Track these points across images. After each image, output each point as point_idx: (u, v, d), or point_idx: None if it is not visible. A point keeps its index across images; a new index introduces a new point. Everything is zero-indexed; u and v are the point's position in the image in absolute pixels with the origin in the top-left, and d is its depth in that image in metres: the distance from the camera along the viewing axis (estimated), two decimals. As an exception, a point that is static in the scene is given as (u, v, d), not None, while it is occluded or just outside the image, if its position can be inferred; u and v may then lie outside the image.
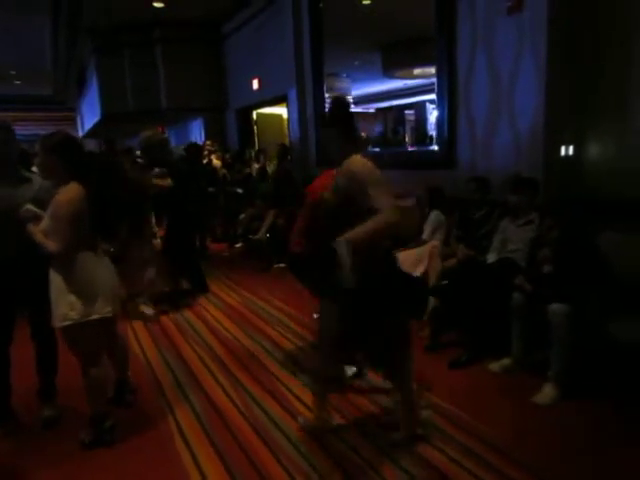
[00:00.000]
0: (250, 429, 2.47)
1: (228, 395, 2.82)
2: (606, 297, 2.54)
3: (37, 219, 2.20)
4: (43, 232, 2.17)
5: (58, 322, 2.20)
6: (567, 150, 3.54)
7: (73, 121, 17.61)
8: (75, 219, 2.15)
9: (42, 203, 2.28)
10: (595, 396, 2.58)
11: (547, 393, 2.58)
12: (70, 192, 2.17)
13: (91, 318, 2.22)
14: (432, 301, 3.44)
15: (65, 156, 2.20)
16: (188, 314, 4.30)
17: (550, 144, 3.47)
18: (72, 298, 2.18)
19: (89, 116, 12.85)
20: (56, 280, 2.21)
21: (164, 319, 4.19)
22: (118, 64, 9.43)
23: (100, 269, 2.31)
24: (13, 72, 13.13)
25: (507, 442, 2.26)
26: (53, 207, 2.17)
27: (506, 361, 2.93)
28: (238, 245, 6.85)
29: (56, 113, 17.63)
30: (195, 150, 6.73)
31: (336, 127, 2.12)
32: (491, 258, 3.30)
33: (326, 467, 2.15)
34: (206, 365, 3.24)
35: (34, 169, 2.57)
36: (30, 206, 2.22)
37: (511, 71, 3.62)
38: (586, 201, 3.10)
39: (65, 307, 2.18)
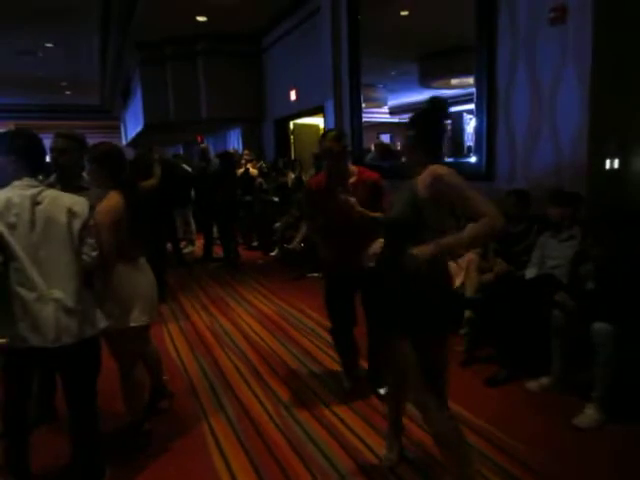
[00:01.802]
0: (283, 439, 2.49)
1: (262, 403, 2.86)
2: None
3: None
4: None
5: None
6: (612, 163, 3.42)
7: (117, 130, 18.34)
8: (114, 227, 2.18)
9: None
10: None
11: (589, 415, 2.48)
12: (110, 200, 2.23)
13: (129, 326, 2.29)
14: (468, 314, 3.40)
15: (107, 166, 2.31)
16: (223, 321, 4.38)
17: (594, 157, 3.37)
18: (109, 306, 2.21)
19: (132, 125, 13.36)
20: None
21: (200, 325, 4.29)
22: (161, 76, 9.79)
23: (139, 278, 2.36)
24: (64, 83, 13.82)
25: (544, 464, 2.19)
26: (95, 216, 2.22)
27: (545, 380, 2.85)
28: (273, 253, 6.94)
29: (102, 122, 18.40)
30: (228, 158, 6.87)
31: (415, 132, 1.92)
32: (530, 273, 3.21)
33: (358, 481, 2.15)
34: (240, 373, 3.29)
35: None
36: None
37: (553, 82, 3.53)
38: (632, 215, 2.98)
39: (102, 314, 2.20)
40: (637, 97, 3.32)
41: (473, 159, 4.56)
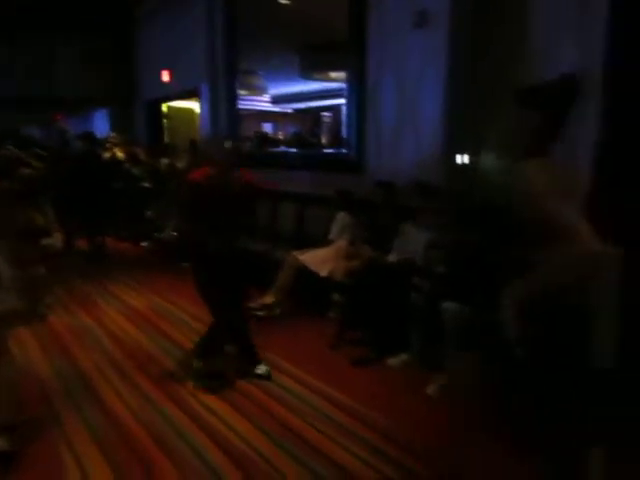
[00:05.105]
0: (148, 436, 2.37)
1: (125, 401, 2.68)
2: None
3: None
4: None
5: None
6: (462, 158, 3.79)
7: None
8: None
9: None
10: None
11: (438, 384, 2.74)
12: None
13: None
14: (336, 298, 3.55)
15: None
16: (85, 319, 4.01)
17: (448, 152, 3.69)
18: None
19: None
20: None
21: (57, 324, 3.87)
22: (7, 44, 8.53)
23: None
24: None
25: (402, 432, 2.38)
26: None
27: (404, 356, 3.09)
28: (144, 244, 6.53)
29: None
30: (91, 139, 6.26)
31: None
32: (392, 258, 3.45)
33: (229, 472, 2.12)
34: (101, 371, 3.05)
35: None
36: None
37: (415, 81, 3.80)
38: (475, 206, 3.32)
39: None
40: (490, 98, 3.67)
41: (345, 151, 4.75)
